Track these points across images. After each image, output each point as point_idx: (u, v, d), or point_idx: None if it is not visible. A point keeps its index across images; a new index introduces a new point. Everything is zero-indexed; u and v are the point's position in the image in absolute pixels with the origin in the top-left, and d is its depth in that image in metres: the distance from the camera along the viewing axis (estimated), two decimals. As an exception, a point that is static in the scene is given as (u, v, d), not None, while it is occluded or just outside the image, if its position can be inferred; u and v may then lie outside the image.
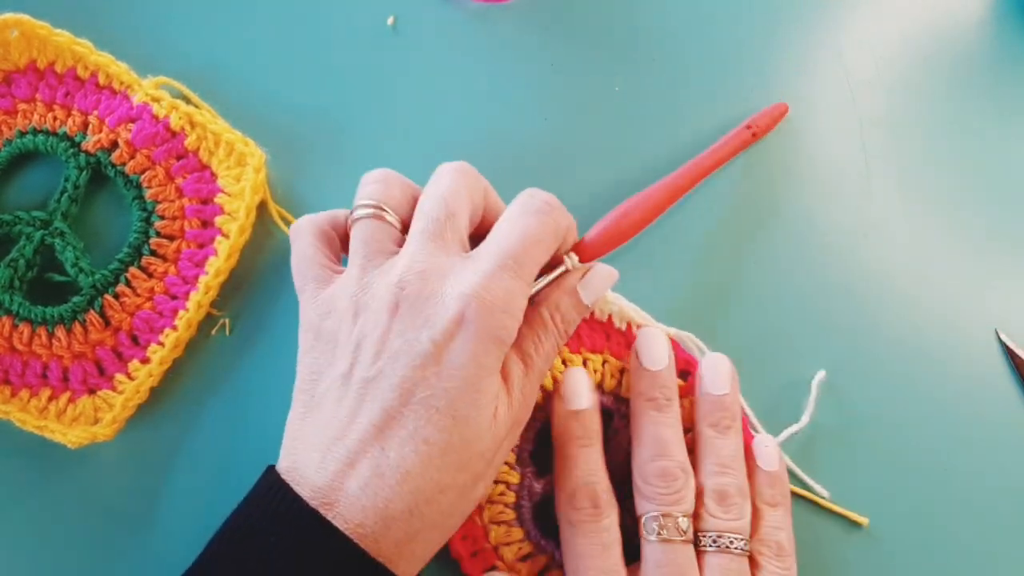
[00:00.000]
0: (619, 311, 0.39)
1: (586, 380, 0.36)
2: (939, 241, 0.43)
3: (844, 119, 0.44)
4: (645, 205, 0.39)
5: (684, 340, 0.39)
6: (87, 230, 0.40)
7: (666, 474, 0.34)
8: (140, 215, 0.39)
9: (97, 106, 0.39)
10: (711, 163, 0.41)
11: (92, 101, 0.39)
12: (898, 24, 0.46)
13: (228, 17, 0.43)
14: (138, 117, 0.39)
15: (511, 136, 0.42)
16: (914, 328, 0.42)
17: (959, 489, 0.40)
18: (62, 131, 0.39)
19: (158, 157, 0.39)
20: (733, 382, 0.37)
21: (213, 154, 0.39)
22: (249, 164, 0.39)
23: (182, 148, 0.39)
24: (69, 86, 0.39)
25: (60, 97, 0.39)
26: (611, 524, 0.34)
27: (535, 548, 0.36)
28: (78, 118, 0.39)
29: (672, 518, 0.33)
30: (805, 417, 0.39)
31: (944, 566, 0.39)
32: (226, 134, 0.39)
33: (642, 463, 0.34)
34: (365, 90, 0.43)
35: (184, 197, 0.39)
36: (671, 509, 0.33)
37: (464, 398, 0.29)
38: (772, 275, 0.42)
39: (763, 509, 0.35)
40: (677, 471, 0.34)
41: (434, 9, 0.44)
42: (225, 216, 0.39)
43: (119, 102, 0.39)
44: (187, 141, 0.39)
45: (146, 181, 0.39)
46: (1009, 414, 0.41)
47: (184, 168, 0.39)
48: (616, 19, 0.45)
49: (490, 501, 0.36)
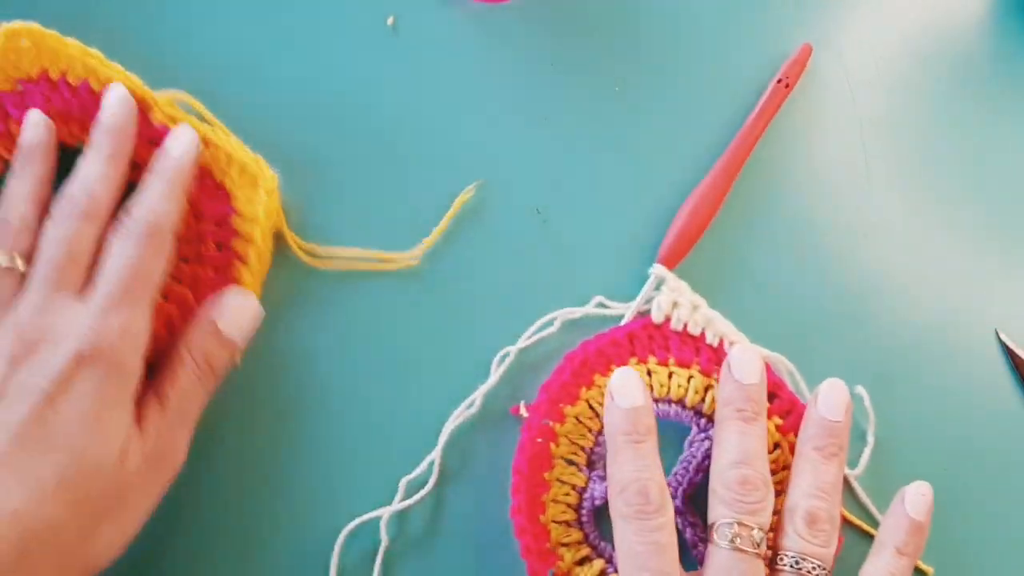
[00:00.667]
0: (712, 326, 0.39)
1: (636, 378, 0.35)
2: (939, 241, 0.43)
3: (844, 119, 0.44)
4: (710, 194, 0.41)
5: (775, 362, 0.39)
6: None
7: (747, 481, 0.33)
8: None
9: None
10: (756, 130, 0.42)
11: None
12: (898, 24, 0.46)
13: (228, 18, 0.43)
14: (157, 138, 0.38)
15: (511, 136, 0.42)
16: (914, 328, 0.42)
17: (959, 489, 0.40)
18: (78, 146, 0.38)
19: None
20: (848, 411, 0.36)
21: (226, 174, 0.38)
22: (261, 186, 0.38)
23: (198, 167, 0.38)
24: (83, 99, 0.38)
25: (75, 110, 0.38)
26: (666, 523, 0.32)
27: (593, 551, 0.36)
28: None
29: (747, 528, 0.32)
30: (870, 437, 0.39)
31: (942, 565, 0.39)
32: (239, 153, 0.38)
33: (722, 468, 0.34)
34: (364, 90, 0.42)
35: (198, 217, 0.38)
36: (748, 519, 0.32)
37: (81, 434, 0.29)
38: (771, 275, 0.42)
39: (891, 554, 0.34)
40: (759, 481, 0.33)
41: (434, 9, 0.44)
42: (241, 239, 0.38)
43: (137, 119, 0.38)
44: (201, 160, 0.38)
45: None
46: (1009, 414, 0.41)
47: (198, 188, 0.38)
48: (616, 19, 0.45)
49: (553, 500, 0.37)
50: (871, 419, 0.39)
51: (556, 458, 0.37)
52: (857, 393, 0.40)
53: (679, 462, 0.38)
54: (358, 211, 0.41)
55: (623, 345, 0.39)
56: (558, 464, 0.37)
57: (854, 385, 0.40)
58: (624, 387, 0.35)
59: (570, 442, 0.37)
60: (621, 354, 0.39)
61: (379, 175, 0.41)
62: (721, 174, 0.41)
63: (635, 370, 0.37)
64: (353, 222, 0.40)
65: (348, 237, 0.40)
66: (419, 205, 0.41)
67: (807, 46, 0.44)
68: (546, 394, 0.37)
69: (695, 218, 0.40)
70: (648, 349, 0.39)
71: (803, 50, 0.44)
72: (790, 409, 0.38)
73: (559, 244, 0.41)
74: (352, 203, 0.41)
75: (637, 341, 0.39)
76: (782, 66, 0.43)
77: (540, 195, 0.42)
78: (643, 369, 0.39)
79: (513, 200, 0.41)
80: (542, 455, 0.37)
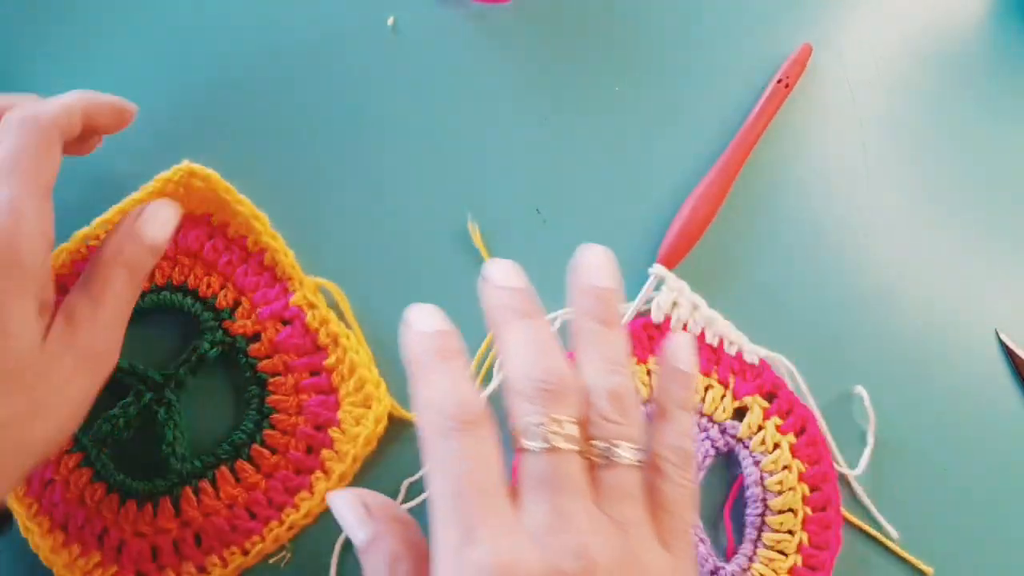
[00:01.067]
0: (712, 325, 0.39)
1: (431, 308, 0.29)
2: (939, 241, 0.43)
3: (844, 119, 0.44)
4: (709, 193, 0.41)
5: (775, 362, 0.39)
6: (191, 399, 0.38)
7: (552, 371, 0.27)
8: (254, 416, 0.37)
9: (256, 289, 0.38)
10: (756, 130, 0.42)
11: (252, 282, 0.38)
12: (898, 24, 0.46)
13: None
14: (290, 319, 0.37)
15: (511, 136, 0.42)
16: (914, 328, 0.42)
17: (959, 489, 0.40)
18: (212, 299, 0.38)
19: (295, 367, 0.37)
20: (616, 276, 0.31)
21: (344, 381, 0.37)
22: (372, 412, 0.36)
23: (319, 365, 0.37)
24: (234, 255, 0.38)
25: (222, 264, 0.38)
26: (490, 436, 0.26)
27: None
28: (231, 293, 0.38)
29: (559, 423, 0.26)
30: (870, 437, 0.39)
31: (942, 565, 0.39)
32: (362, 369, 0.37)
33: (522, 365, 0.27)
34: (364, 90, 0.42)
35: (302, 416, 0.37)
36: (559, 413, 0.26)
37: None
38: (771, 275, 0.42)
39: (674, 412, 0.29)
40: (566, 370, 0.27)
41: (434, 9, 0.44)
42: (332, 453, 0.36)
43: (276, 294, 0.38)
44: (326, 360, 0.37)
45: (274, 386, 0.37)
46: (1009, 414, 0.41)
47: (314, 387, 0.37)
48: (616, 19, 0.45)
49: None
50: (871, 419, 0.39)
51: None
52: (857, 393, 0.40)
53: None
54: (358, 210, 0.41)
55: None
56: None
57: (854, 385, 0.40)
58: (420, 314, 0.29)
59: None
60: None
61: (379, 175, 0.41)
62: (721, 174, 0.41)
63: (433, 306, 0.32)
64: (352, 221, 0.41)
65: (348, 234, 0.40)
66: (419, 204, 0.41)
67: (807, 46, 0.44)
68: None
69: (695, 218, 0.40)
70: (648, 349, 0.39)
71: (803, 50, 0.44)
72: (790, 409, 0.38)
73: (559, 244, 0.41)
74: (352, 202, 0.41)
75: (637, 341, 0.39)
76: (782, 66, 0.43)
77: (540, 195, 0.42)
78: (643, 369, 0.39)
79: (513, 200, 0.41)
80: None
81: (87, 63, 0.42)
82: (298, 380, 0.37)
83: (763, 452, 0.38)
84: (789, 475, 0.37)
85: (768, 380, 0.39)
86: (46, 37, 0.42)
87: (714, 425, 0.38)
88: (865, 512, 0.39)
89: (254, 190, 0.39)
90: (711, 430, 0.38)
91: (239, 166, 0.40)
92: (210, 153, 0.39)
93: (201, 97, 0.42)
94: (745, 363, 0.39)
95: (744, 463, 0.38)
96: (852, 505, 0.39)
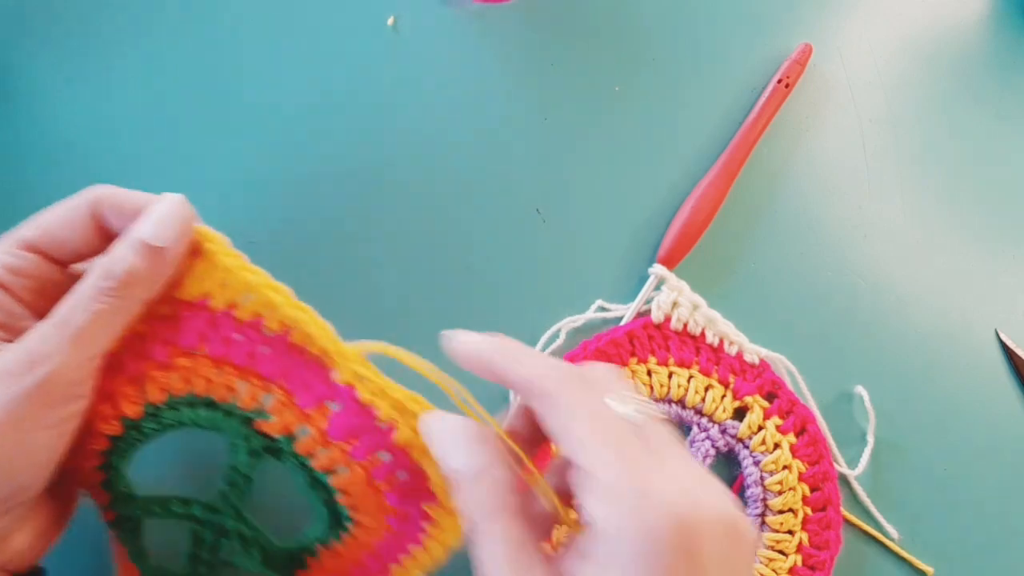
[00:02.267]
0: (712, 325, 0.39)
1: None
2: (939, 241, 0.43)
3: (844, 119, 0.44)
4: (710, 193, 0.41)
5: (775, 362, 0.39)
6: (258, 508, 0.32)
7: None
8: (326, 519, 0.31)
9: (285, 375, 0.29)
10: (756, 130, 0.42)
11: (278, 367, 0.29)
12: (898, 24, 0.46)
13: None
14: (338, 398, 0.29)
15: (511, 136, 0.42)
16: (914, 328, 0.42)
17: (959, 489, 0.40)
18: (233, 404, 0.30)
19: (358, 454, 0.29)
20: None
21: (427, 453, 0.28)
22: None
23: (389, 443, 0.29)
24: (250, 339, 0.29)
25: (238, 357, 0.29)
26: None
27: None
28: (257, 387, 0.30)
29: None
30: (870, 437, 0.39)
31: (942, 565, 0.39)
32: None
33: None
34: (364, 90, 0.42)
35: (388, 508, 0.30)
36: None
37: None
38: (771, 274, 0.42)
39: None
40: None
41: (434, 9, 0.44)
42: (430, 536, 0.30)
43: (314, 374, 0.29)
44: (395, 436, 0.29)
45: (340, 483, 0.30)
46: (1009, 414, 0.41)
47: (390, 471, 0.29)
48: (616, 19, 0.45)
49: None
50: (871, 419, 0.39)
51: (556, 458, 0.37)
52: (857, 393, 0.40)
53: None
54: (356, 209, 0.41)
55: (623, 345, 0.39)
56: None
57: (854, 385, 0.40)
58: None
59: None
60: (621, 354, 0.39)
61: (378, 175, 0.41)
62: (721, 174, 0.41)
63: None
64: (351, 219, 0.41)
65: (342, 227, 0.40)
66: (419, 204, 0.41)
67: (807, 46, 0.44)
68: None
69: (695, 218, 0.40)
70: (648, 349, 0.39)
71: (803, 50, 0.44)
72: (790, 409, 0.38)
73: (559, 244, 0.41)
74: (351, 201, 0.41)
75: (637, 341, 0.39)
76: (782, 66, 0.43)
77: (540, 195, 0.42)
78: (643, 369, 0.39)
79: (513, 200, 0.41)
80: (542, 456, 0.37)
81: (87, 65, 0.42)
82: (370, 469, 0.30)
83: (763, 452, 0.38)
84: (789, 475, 0.37)
85: (768, 380, 0.39)
86: (46, 36, 0.42)
87: (714, 425, 0.38)
88: (865, 512, 0.39)
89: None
90: (711, 430, 0.38)
91: (231, 169, 0.40)
92: (208, 155, 0.39)
93: (199, 96, 0.42)
94: (745, 363, 0.39)
95: (744, 463, 0.38)
96: (852, 505, 0.39)
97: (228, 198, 0.40)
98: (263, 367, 0.29)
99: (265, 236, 0.40)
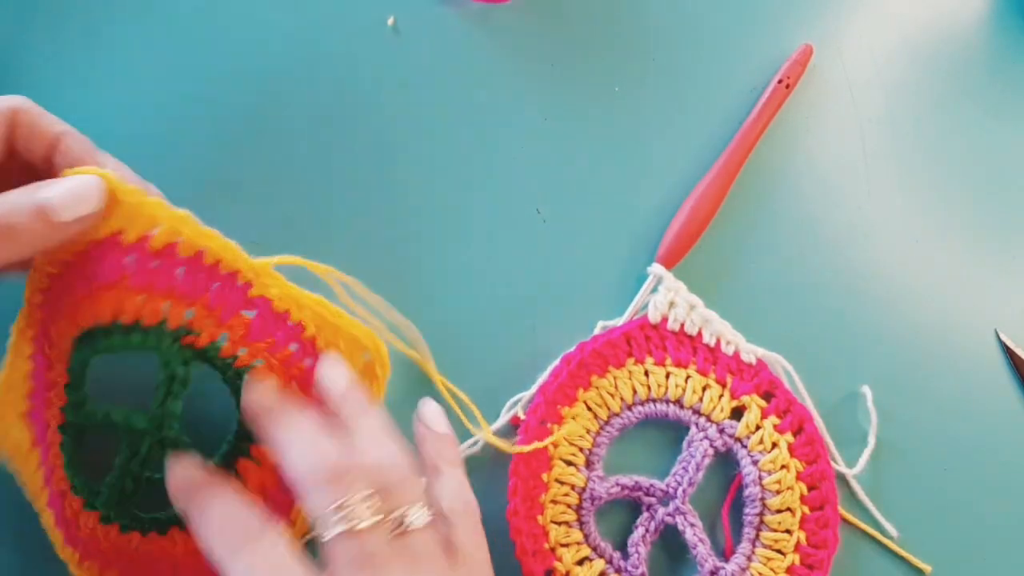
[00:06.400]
0: (709, 325, 0.39)
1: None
2: (939, 241, 0.43)
3: (844, 119, 0.44)
4: (709, 194, 0.41)
5: (772, 362, 0.39)
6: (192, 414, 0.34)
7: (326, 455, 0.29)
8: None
9: (204, 293, 0.32)
10: (756, 130, 0.42)
11: (198, 288, 0.32)
12: (898, 24, 0.46)
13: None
14: (252, 307, 0.33)
15: (511, 136, 0.42)
16: (914, 328, 0.42)
17: (959, 489, 0.40)
18: (161, 325, 0.32)
19: (273, 349, 0.33)
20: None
21: (331, 345, 0.33)
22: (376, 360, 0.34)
23: (300, 338, 0.33)
24: (168, 270, 0.31)
25: (159, 287, 0.31)
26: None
27: (594, 551, 0.37)
28: (178, 309, 0.32)
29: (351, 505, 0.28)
30: (871, 438, 0.39)
31: (941, 564, 0.39)
32: (351, 328, 0.33)
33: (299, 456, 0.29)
34: (363, 89, 0.43)
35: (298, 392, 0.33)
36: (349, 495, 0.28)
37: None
38: (770, 275, 0.42)
39: (447, 469, 0.32)
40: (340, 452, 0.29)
41: (434, 9, 0.44)
42: None
43: (229, 288, 0.32)
44: (305, 334, 0.33)
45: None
46: (1009, 414, 0.41)
47: (299, 358, 0.33)
48: (616, 19, 0.45)
49: (552, 501, 0.37)
50: (873, 419, 0.39)
51: (555, 459, 0.37)
52: (858, 392, 0.40)
53: (678, 462, 0.38)
54: (356, 209, 0.41)
55: (620, 346, 0.39)
56: (557, 465, 0.37)
57: (852, 385, 0.40)
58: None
59: (568, 443, 0.37)
60: (618, 355, 0.39)
61: (378, 174, 0.41)
62: (721, 174, 0.41)
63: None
64: (351, 219, 0.41)
65: (344, 226, 0.40)
66: (419, 204, 0.41)
67: (807, 46, 0.44)
68: (543, 396, 0.38)
69: (694, 218, 0.40)
70: (645, 349, 0.39)
71: (803, 50, 0.44)
72: (788, 408, 0.38)
73: (559, 244, 0.41)
74: (350, 201, 0.41)
75: (634, 342, 0.39)
76: (782, 66, 0.43)
77: (540, 195, 0.42)
78: (640, 370, 0.39)
79: (513, 200, 0.42)
80: (540, 457, 0.37)
81: (87, 63, 0.42)
82: (282, 362, 0.33)
83: (761, 451, 0.38)
84: (787, 474, 0.38)
85: (765, 379, 0.39)
86: (46, 37, 0.42)
87: (712, 425, 0.38)
88: (864, 511, 0.39)
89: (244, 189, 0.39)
90: (709, 430, 0.38)
91: (231, 170, 0.40)
92: (208, 154, 0.40)
93: (196, 97, 0.42)
94: (742, 363, 0.39)
95: (742, 462, 0.38)
96: (851, 504, 0.39)
97: (229, 199, 0.40)
98: (182, 287, 0.32)
99: (266, 237, 0.40)
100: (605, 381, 0.38)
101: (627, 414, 0.38)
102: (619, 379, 0.38)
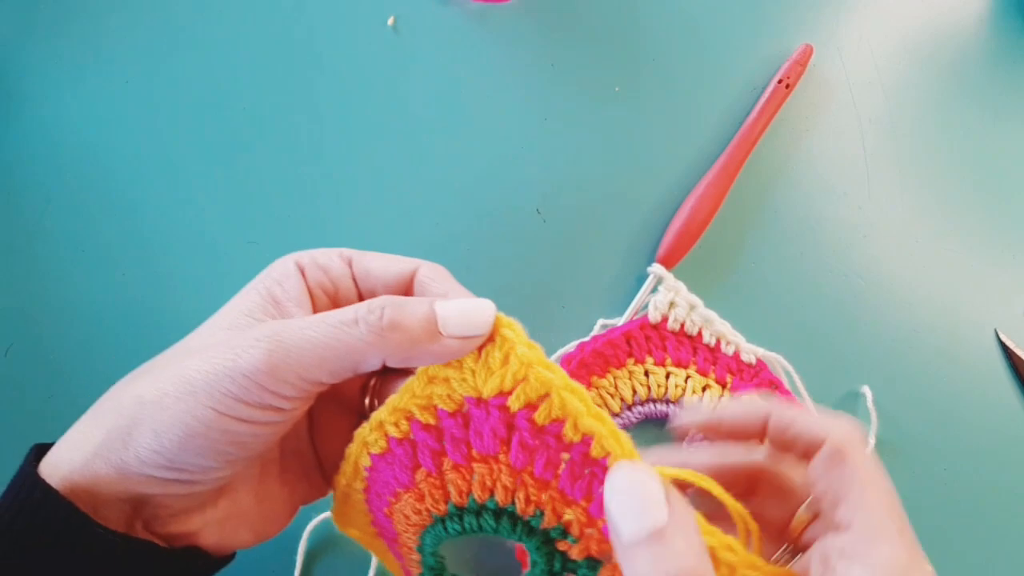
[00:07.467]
0: (709, 325, 0.39)
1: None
2: (939, 241, 0.43)
3: (844, 119, 0.44)
4: (709, 193, 0.41)
5: (772, 362, 0.40)
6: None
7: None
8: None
9: (587, 493, 0.25)
10: (756, 130, 0.42)
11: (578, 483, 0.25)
12: (898, 24, 0.46)
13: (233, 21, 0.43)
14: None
15: (511, 136, 0.43)
16: (914, 328, 0.42)
17: (959, 489, 0.40)
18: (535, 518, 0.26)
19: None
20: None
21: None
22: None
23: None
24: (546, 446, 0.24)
25: (541, 468, 0.25)
26: None
27: None
28: (557, 503, 0.25)
29: None
30: (871, 438, 0.39)
31: (942, 564, 0.39)
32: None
33: None
34: (364, 90, 0.43)
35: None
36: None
37: None
38: (770, 274, 0.42)
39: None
40: None
41: (434, 9, 0.44)
42: None
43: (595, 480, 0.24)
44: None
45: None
46: (1009, 414, 0.41)
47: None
48: (616, 19, 0.45)
49: None
50: (873, 419, 0.39)
51: None
52: (859, 392, 0.40)
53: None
54: (355, 209, 0.41)
55: (620, 346, 0.39)
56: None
57: (852, 385, 0.40)
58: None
59: None
60: (618, 355, 0.39)
61: (378, 175, 0.41)
62: (721, 174, 0.41)
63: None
64: (350, 219, 0.41)
65: (345, 227, 0.40)
66: (418, 204, 0.41)
67: (807, 47, 0.44)
68: None
69: (695, 218, 0.41)
70: (645, 349, 0.39)
71: (803, 51, 0.44)
72: None
73: (559, 244, 0.41)
74: (348, 199, 0.41)
75: (634, 342, 0.39)
76: (782, 66, 0.43)
77: (540, 195, 0.42)
78: (640, 370, 0.39)
79: (513, 200, 0.42)
80: None
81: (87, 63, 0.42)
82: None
83: (761, 451, 0.38)
84: None
85: (765, 380, 0.39)
86: (46, 37, 0.42)
87: None
88: (864, 512, 0.39)
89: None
90: None
91: (231, 169, 0.40)
92: (208, 154, 0.39)
93: (196, 97, 0.42)
94: (742, 363, 0.39)
95: (742, 462, 0.38)
96: (851, 505, 0.39)
97: (230, 200, 0.40)
98: (566, 481, 0.25)
99: (266, 237, 0.40)
100: (605, 381, 0.38)
101: (627, 414, 0.38)
102: (619, 379, 0.38)
